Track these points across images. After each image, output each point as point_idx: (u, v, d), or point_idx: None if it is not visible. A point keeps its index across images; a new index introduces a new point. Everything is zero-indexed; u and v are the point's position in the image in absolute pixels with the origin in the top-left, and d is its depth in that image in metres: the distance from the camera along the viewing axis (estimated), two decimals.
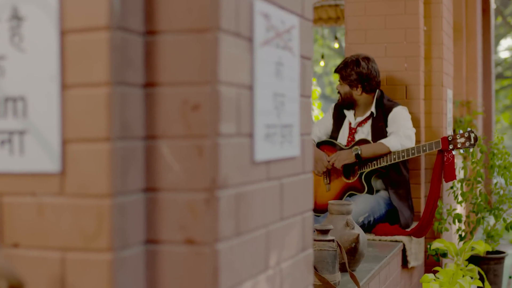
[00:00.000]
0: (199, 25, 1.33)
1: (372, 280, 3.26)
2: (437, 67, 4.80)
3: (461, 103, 7.69)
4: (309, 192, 1.82)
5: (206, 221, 1.32)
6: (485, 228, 4.43)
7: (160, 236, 1.36)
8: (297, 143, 1.71)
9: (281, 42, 1.60)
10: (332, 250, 2.88)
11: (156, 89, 1.36)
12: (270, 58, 1.54)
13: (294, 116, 1.68)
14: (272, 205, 1.58)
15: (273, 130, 1.55)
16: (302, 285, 1.77)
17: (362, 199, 4.19)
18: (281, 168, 1.62)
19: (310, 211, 1.83)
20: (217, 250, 1.32)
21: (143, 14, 1.35)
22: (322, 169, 4.27)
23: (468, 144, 3.97)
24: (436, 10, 4.80)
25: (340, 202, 3.25)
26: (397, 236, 4.07)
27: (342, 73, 4.36)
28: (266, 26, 1.52)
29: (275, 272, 1.60)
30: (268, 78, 1.53)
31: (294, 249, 1.72)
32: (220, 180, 1.33)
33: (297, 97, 1.71)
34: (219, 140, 1.33)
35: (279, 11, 1.60)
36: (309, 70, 1.81)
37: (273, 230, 1.58)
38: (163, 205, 1.35)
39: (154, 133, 1.35)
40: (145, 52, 1.36)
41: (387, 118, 4.30)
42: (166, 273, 1.35)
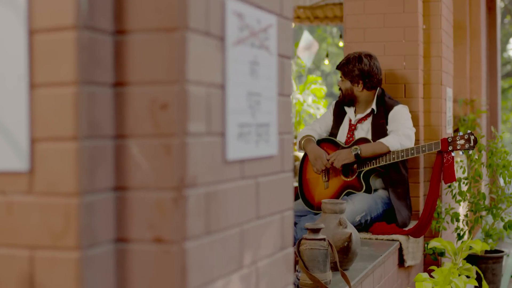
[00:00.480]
0: (167, 24, 1.33)
1: (366, 279, 3.26)
2: (436, 65, 4.78)
3: (465, 101, 7.66)
4: (289, 191, 1.82)
5: (174, 220, 1.33)
6: (483, 227, 4.41)
7: (129, 235, 1.36)
8: (275, 142, 1.71)
9: (257, 41, 1.61)
10: (323, 249, 2.88)
11: (125, 88, 1.36)
12: (244, 57, 1.54)
13: (271, 115, 1.68)
14: (247, 204, 1.58)
15: (247, 129, 1.55)
16: (281, 284, 1.77)
17: (360, 198, 4.19)
18: (257, 167, 1.63)
19: (290, 210, 1.83)
20: (185, 248, 1.33)
21: (112, 13, 1.35)
22: (321, 167, 4.27)
23: (468, 146, 3.96)
24: (435, 9, 4.78)
25: (333, 201, 3.25)
26: (394, 235, 4.07)
27: (344, 69, 4.36)
28: (240, 26, 1.52)
29: (251, 271, 1.60)
30: (242, 77, 1.53)
31: (272, 248, 1.72)
32: (188, 179, 1.33)
33: (274, 96, 1.71)
34: (187, 139, 1.33)
35: (255, 10, 1.60)
36: (289, 69, 1.81)
37: (248, 229, 1.59)
38: (132, 204, 1.36)
39: (124, 132, 1.36)
40: (115, 51, 1.36)
41: (388, 116, 4.29)
42: (135, 271, 1.36)
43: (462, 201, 4.51)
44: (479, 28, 7.91)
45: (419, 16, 4.66)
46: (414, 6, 4.64)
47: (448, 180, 4.01)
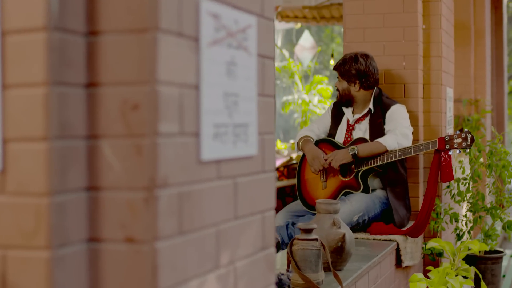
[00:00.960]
0: (138, 25, 1.34)
1: (360, 279, 3.26)
2: (436, 65, 4.77)
3: (469, 101, 7.64)
4: (271, 191, 1.83)
5: (145, 220, 1.33)
6: (482, 227, 4.40)
7: (101, 235, 1.37)
8: (254, 142, 1.71)
9: (234, 42, 1.61)
10: (315, 249, 2.88)
11: (97, 89, 1.37)
12: (221, 58, 1.55)
13: (250, 115, 1.69)
14: (224, 204, 1.59)
15: (224, 129, 1.56)
16: (261, 284, 1.78)
17: (357, 197, 4.18)
18: (235, 167, 1.63)
19: (271, 210, 1.84)
20: (156, 248, 1.33)
21: (85, 14, 1.36)
22: (318, 168, 4.27)
23: (465, 144, 3.95)
24: (435, 8, 4.77)
25: (328, 201, 3.25)
26: (392, 235, 4.06)
27: (340, 69, 4.37)
28: (215, 26, 1.53)
29: (228, 270, 1.61)
30: (218, 78, 1.53)
31: (251, 248, 1.72)
32: (159, 179, 1.34)
33: (254, 96, 1.71)
34: (158, 139, 1.33)
35: (232, 11, 1.60)
36: (270, 69, 1.82)
37: (225, 229, 1.59)
38: (105, 204, 1.36)
39: (96, 132, 1.37)
40: (87, 52, 1.37)
41: (385, 116, 4.29)
42: (107, 271, 1.37)
43: (461, 201, 4.49)
44: (483, 28, 7.88)
45: (418, 16, 4.65)
46: (413, 6, 4.63)
47: (446, 179, 4.00)
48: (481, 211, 4.45)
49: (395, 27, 4.68)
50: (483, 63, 7.86)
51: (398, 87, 4.69)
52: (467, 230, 4.49)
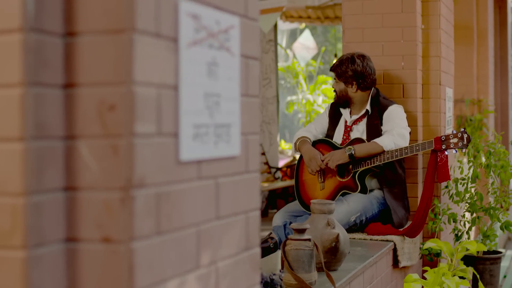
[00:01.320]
0: (115, 26, 1.34)
1: (354, 279, 3.26)
2: (434, 65, 4.76)
3: (472, 101, 7.62)
4: (255, 191, 1.83)
5: (121, 220, 1.34)
6: (481, 228, 4.39)
7: (79, 234, 1.38)
8: (237, 143, 1.72)
9: (216, 43, 1.61)
10: (308, 249, 2.88)
11: (75, 89, 1.37)
12: (201, 59, 1.55)
13: (232, 115, 1.69)
14: (206, 204, 1.59)
15: (204, 129, 1.56)
16: (245, 284, 1.78)
17: (355, 198, 4.18)
18: (216, 167, 1.63)
19: (256, 210, 1.84)
20: (132, 248, 1.34)
21: (62, 15, 1.37)
22: (315, 168, 4.27)
23: (461, 144, 3.95)
24: (434, 8, 4.77)
25: (322, 201, 3.24)
26: (389, 236, 4.06)
27: (337, 70, 4.37)
28: (195, 27, 1.53)
29: (209, 271, 1.61)
30: (198, 78, 1.54)
31: (234, 248, 1.73)
32: (135, 179, 1.34)
33: (237, 97, 1.71)
34: (135, 139, 1.34)
35: (213, 11, 1.61)
36: (254, 69, 1.82)
37: (206, 229, 1.59)
38: (82, 204, 1.37)
39: (74, 133, 1.37)
40: (65, 53, 1.38)
41: (382, 116, 4.28)
42: (84, 270, 1.37)
43: (460, 202, 4.49)
44: (486, 27, 7.86)
45: (417, 16, 4.64)
46: (412, 6, 4.63)
47: (442, 179, 4.00)
48: (479, 211, 4.44)
49: (394, 27, 4.68)
50: (486, 63, 7.84)
51: (397, 87, 4.69)
52: (465, 231, 4.48)
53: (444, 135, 3.99)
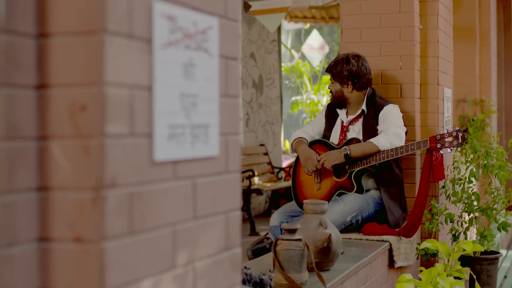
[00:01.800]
0: (85, 27, 1.35)
1: (347, 279, 3.26)
2: (432, 65, 4.76)
3: (474, 101, 7.61)
4: (235, 191, 1.83)
5: (92, 220, 1.35)
6: (478, 228, 4.38)
7: (51, 234, 1.39)
8: (215, 143, 1.72)
9: (193, 43, 1.62)
10: (299, 250, 2.88)
11: (47, 90, 1.39)
12: (177, 59, 1.56)
13: (211, 116, 1.70)
14: (182, 204, 1.60)
15: (180, 130, 1.57)
16: (225, 284, 1.79)
17: (351, 198, 4.18)
18: (193, 168, 1.64)
19: (236, 210, 1.84)
20: (103, 248, 1.35)
21: (34, 17, 1.38)
22: (311, 169, 4.27)
23: (456, 143, 3.94)
24: (432, 8, 4.76)
25: (315, 202, 3.25)
26: (385, 236, 4.06)
27: (332, 71, 4.37)
28: (171, 28, 1.54)
29: (186, 270, 1.62)
30: (174, 79, 1.55)
31: (213, 248, 1.73)
32: (106, 179, 1.35)
33: (215, 97, 1.72)
34: (106, 140, 1.35)
35: (190, 12, 1.61)
36: (235, 70, 1.83)
37: (183, 229, 1.60)
38: (54, 204, 1.38)
39: (46, 133, 1.38)
40: (38, 54, 1.39)
41: (378, 116, 4.28)
42: (57, 270, 1.38)
43: (457, 202, 4.48)
44: (489, 27, 7.84)
45: (415, 16, 4.64)
46: (410, 6, 4.62)
47: (437, 178, 4.00)
48: (476, 211, 4.43)
49: (392, 28, 4.68)
50: (489, 63, 7.82)
51: (395, 88, 4.69)
52: (462, 231, 4.47)
53: (439, 134, 3.99)
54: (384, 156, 4.08)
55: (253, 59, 9.30)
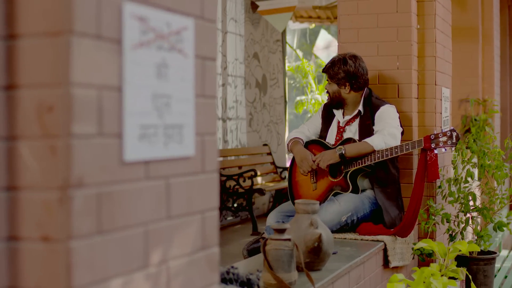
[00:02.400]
0: (53, 28, 1.37)
1: (339, 279, 3.26)
2: (430, 65, 4.75)
3: (477, 101, 7.59)
4: (212, 191, 1.84)
5: (59, 219, 1.36)
6: (474, 228, 4.37)
7: (19, 233, 1.40)
8: (191, 143, 1.73)
9: (166, 44, 1.63)
10: (287, 249, 2.89)
11: (16, 91, 1.40)
12: (149, 60, 1.57)
13: (186, 116, 1.71)
14: (155, 204, 1.61)
15: (152, 130, 1.58)
16: (201, 283, 1.80)
17: (346, 198, 4.18)
18: (167, 168, 1.65)
19: (213, 210, 1.85)
20: (70, 247, 1.36)
21: (4, 18, 1.39)
22: (307, 169, 4.28)
23: (450, 142, 3.94)
24: (429, 8, 4.75)
25: (306, 201, 3.25)
26: (380, 236, 4.06)
27: (329, 72, 4.37)
28: (142, 29, 1.55)
29: (160, 270, 1.63)
30: (145, 80, 1.56)
31: (189, 247, 1.74)
32: (73, 179, 1.36)
33: (191, 97, 1.73)
34: (73, 140, 1.36)
35: (163, 13, 1.62)
36: (211, 70, 1.83)
37: (155, 229, 1.61)
38: (23, 203, 1.39)
39: (14, 133, 1.40)
40: (7, 55, 1.40)
41: (374, 116, 4.28)
42: (25, 268, 1.40)
43: (454, 202, 4.47)
44: (491, 27, 7.82)
45: (412, 16, 4.63)
46: (407, 6, 4.62)
47: (432, 178, 3.99)
48: (473, 211, 4.42)
49: (389, 27, 4.67)
50: (491, 63, 7.80)
51: (392, 88, 4.68)
52: (459, 231, 4.46)
53: (434, 134, 3.98)
54: (379, 156, 4.08)
55: (257, 59, 9.31)
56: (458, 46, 7.66)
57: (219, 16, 8.27)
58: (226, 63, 8.43)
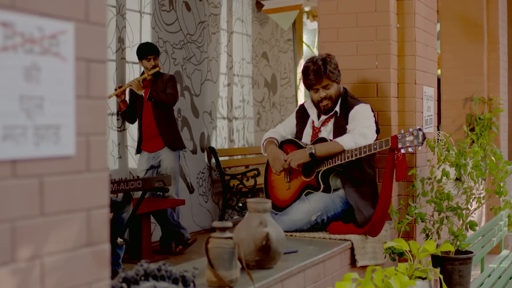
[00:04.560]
0: None
1: (290, 277, 3.29)
2: (409, 64, 4.74)
3: (481, 100, 7.51)
4: (99, 190, 1.89)
5: None
6: (450, 228, 4.34)
7: None
8: (70, 143, 1.79)
9: (38, 48, 1.69)
10: (228, 248, 2.93)
11: None
12: (15, 63, 1.63)
13: (63, 117, 1.76)
14: (24, 202, 1.67)
15: (20, 130, 1.64)
16: (87, 279, 1.85)
17: (317, 197, 4.20)
18: (40, 167, 1.71)
19: (101, 208, 1.90)
20: None
21: None
22: (279, 168, 4.31)
23: (416, 142, 3.92)
24: (408, 7, 4.74)
25: (257, 200, 3.29)
26: (350, 235, 4.07)
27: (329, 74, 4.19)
28: (6, 34, 1.61)
29: (31, 265, 1.68)
30: (10, 82, 1.62)
31: (70, 244, 1.80)
32: None
33: (70, 99, 1.78)
34: None
35: (34, 18, 1.68)
36: (98, 72, 1.89)
37: (25, 225, 1.67)
38: None
39: None
40: None
41: (348, 116, 4.28)
42: None
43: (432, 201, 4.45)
44: (497, 25, 7.73)
45: (390, 14, 4.62)
46: (385, 5, 4.62)
47: (399, 178, 3.99)
48: (448, 211, 4.40)
49: (368, 27, 4.67)
50: (497, 61, 7.71)
51: (371, 87, 4.68)
52: (435, 230, 4.45)
53: (401, 133, 3.97)
54: (348, 156, 4.09)
55: (265, 58, 9.35)
56: (463, 44, 7.60)
57: (224, 16, 8.34)
58: (232, 63, 8.49)
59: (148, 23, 7.08)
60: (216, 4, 8.16)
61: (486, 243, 6.03)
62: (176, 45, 7.44)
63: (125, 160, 6.81)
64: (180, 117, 7.46)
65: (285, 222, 4.16)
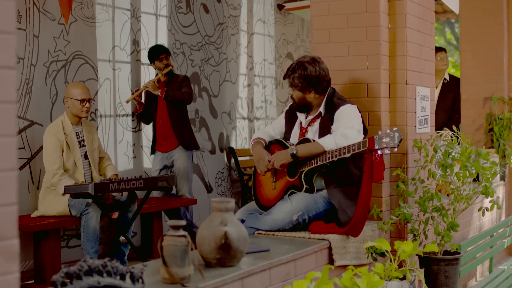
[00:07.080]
0: None
1: (253, 275, 3.34)
2: (401, 64, 4.73)
3: (501, 99, 7.40)
4: (6, 188, 2.01)
5: None
6: (435, 228, 4.32)
7: None
8: None
9: None
10: (181, 246, 3.02)
11: None
12: None
13: None
14: None
15: None
16: None
17: (298, 197, 4.25)
18: None
19: (9, 205, 2.01)
20: None
21: None
22: (263, 169, 4.37)
23: (392, 143, 3.92)
24: (399, 7, 4.73)
25: (220, 200, 3.36)
26: (331, 235, 4.10)
27: (291, 79, 4.35)
28: None
29: None
30: None
31: None
32: None
33: None
34: None
35: None
36: (6, 78, 2.00)
37: None
38: None
39: None
40: None
41: (333, 116, 4.31)
42: None
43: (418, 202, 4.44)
44: None
45: (381, 15, 4.63)
46: (375, 6, 4.62)
47: (376, 179, 4.00)
48: (433, 211, 4.39)
49: (358, 27, 4.69)
50: None
51: (362, 87, 4.70)
52: (422, 231, 4.44)
53: (378, 134, 3.98)
54: (329, 157, 4.12)
55: (290, 59, 9.39)
56: (482, 43, 7.50)
57: (244, 18, 8.42)
58: (253, 64, 8.57)
59: (164, 25, 7.22)
60: (236, 6, 8.25)
61: (495, 243, 5.97)
62: (194, 46, 7.57)
63: (140, 160, 6.97)
64: (198, 117, 7.58)
65: (268, 222, 4.23)
